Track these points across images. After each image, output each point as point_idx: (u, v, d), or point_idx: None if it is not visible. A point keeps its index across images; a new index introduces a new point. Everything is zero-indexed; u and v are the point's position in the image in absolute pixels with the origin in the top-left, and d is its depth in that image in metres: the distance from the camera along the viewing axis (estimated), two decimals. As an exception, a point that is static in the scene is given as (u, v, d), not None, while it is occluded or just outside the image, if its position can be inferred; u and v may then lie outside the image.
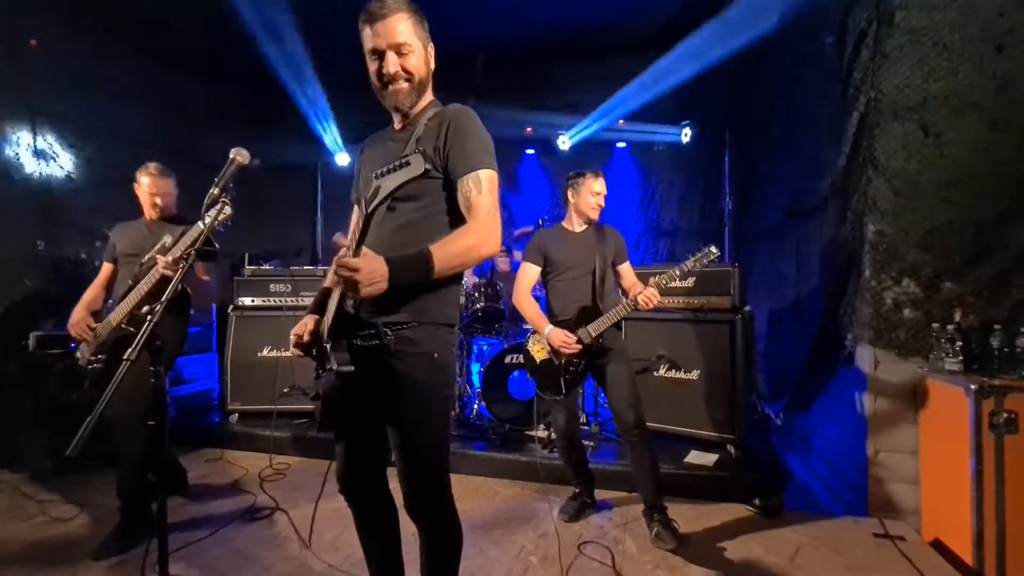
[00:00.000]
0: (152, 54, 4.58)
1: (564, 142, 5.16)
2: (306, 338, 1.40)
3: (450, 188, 1.36)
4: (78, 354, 2.48)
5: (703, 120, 4.79)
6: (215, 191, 1.53)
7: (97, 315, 2.52)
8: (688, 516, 2.63)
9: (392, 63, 1.34)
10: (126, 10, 3.94)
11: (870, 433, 2.59)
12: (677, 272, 2.38)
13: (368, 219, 1.16)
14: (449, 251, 1.24)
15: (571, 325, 2.47)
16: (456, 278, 1.41)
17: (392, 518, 1.57)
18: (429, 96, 1.48)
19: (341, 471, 1.50)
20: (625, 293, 2.61)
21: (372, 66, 1.37)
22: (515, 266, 4.76)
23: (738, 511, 2.73)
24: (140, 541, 2.32)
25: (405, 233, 1.34)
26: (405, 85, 1.38)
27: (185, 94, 4.93)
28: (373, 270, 1.14)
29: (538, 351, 2.57)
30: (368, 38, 1.35)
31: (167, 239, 2.30)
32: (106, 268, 2.67)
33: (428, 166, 1.17)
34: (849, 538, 2.46)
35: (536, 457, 3.19)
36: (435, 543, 1.49)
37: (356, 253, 1.19)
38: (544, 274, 2.62)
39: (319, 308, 1.45)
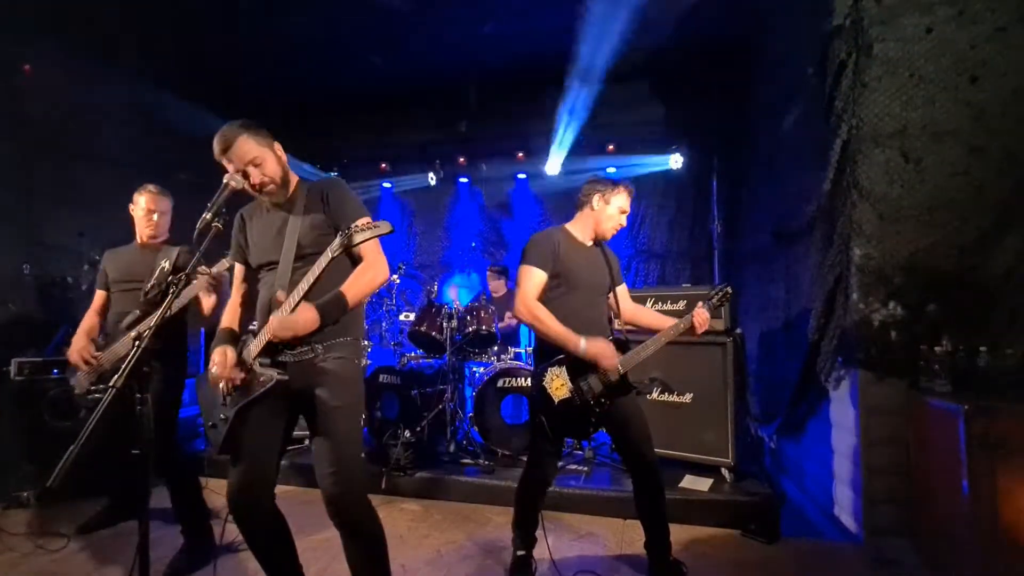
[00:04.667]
0: (143, 78, 4.61)
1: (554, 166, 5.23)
2: (231, 357, 1.63)
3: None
4: (73, 382, 2.43)
5: (691, 145, 4.89)
6: (207, 216, 1.53)
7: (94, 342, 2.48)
8: (683, 542, 2.59)
9: (255, 176, 1.66)
10: (118, 34, 3.98)
11: (862, 455, 2.58)
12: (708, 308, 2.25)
13: (317, 281, 1.59)
14: (356, 287, 1.65)
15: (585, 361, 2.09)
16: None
17: (287, 530, 1.74)
18: (294, 176, 1.79)
19: (236, 492, 1.60)
20: (618, 317, 2.36)
21: (244, 181, 1.67)
22: (511, 287, 4.79)
23: (734, 537, 2.69)
24: (206, 560, 2.38)
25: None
26: (273, 187, 1.70)
27: (175, 118, 4.93)
28: (306, 321, 1.56)
29: (558, 388, 2.10)
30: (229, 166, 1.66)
31: (165, 264, 2.28)
32: (99, 296, 2.63)
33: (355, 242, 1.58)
34: (846, 563, 2.43)
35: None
36: (364, 542, 1.67)
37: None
38: (547, 288, 2.17)
39: (231, 341, 1.70)
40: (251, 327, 1.76)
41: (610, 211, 2.24)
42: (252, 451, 1.62)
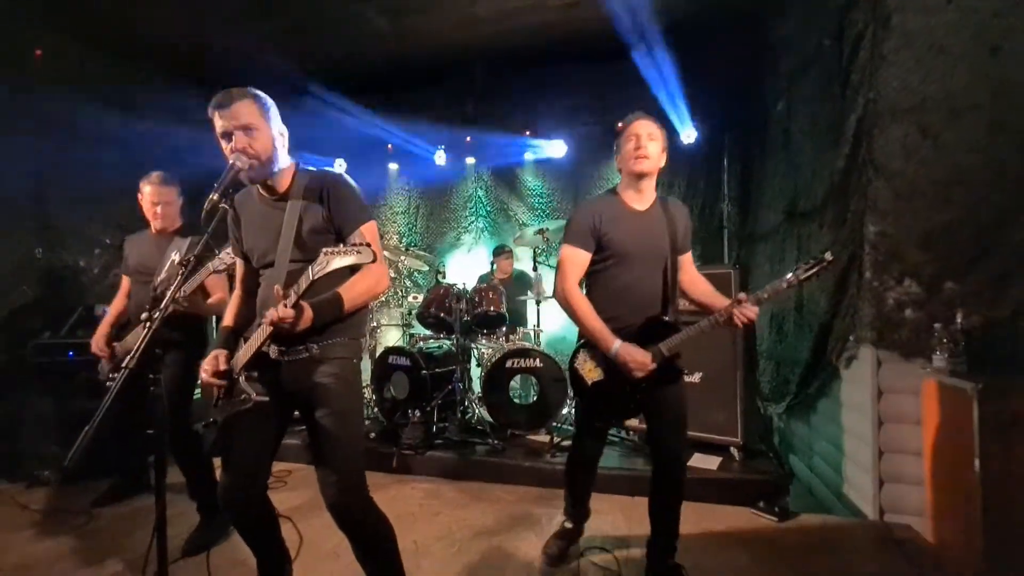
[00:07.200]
0: (152, 62, 4.58)
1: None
2: (222, 366, 1.58)
3: (342, 242, 1.61)
4: (99, 367, 2.60)
5: (702, 122, 4.79)
6: (214, 196, 1.52)
7: (124, 327, 2.62)
8: (692, 520, 2.61)
9: (240, 140, 1.53)
10: (126, 20, 3.94)
11: (873, 434, 2.58)
12: (784, 285, 1.88)
13: (312, 284, 1.43)
14: (355, 292, 1.58)
15: (632, 336, 1.90)
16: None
17: (274, 523, 1.79)
18: (290, 163, 1.68)
19: (225, 492, 1.61)
20: (681, 290, 2.11)
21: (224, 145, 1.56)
22: (516, 268, 4.79)
23: (743, 515, 2.72)
24: (222, 536, 2.46)
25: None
26: (254, 163, 1.56)
27: (183, 101, 4.90)
28: (303, 319, 1.47)
29: (590, 371, 1.97)
30: (217, 123, 1.55)
31: (174, 256, 2.31)
32: (124, 281, 2.73)
33: (372, 258, 1.43)
34: (855, 541, 2.45)
35: (539, 461, 3.18)
36: (372, 544, 1.68)
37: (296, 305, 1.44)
38: (592, 263, 1.99)
39: (227, 344, 1.65)
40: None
41: (623, 147, 1.98)
42: (240, 457, 1.63)
